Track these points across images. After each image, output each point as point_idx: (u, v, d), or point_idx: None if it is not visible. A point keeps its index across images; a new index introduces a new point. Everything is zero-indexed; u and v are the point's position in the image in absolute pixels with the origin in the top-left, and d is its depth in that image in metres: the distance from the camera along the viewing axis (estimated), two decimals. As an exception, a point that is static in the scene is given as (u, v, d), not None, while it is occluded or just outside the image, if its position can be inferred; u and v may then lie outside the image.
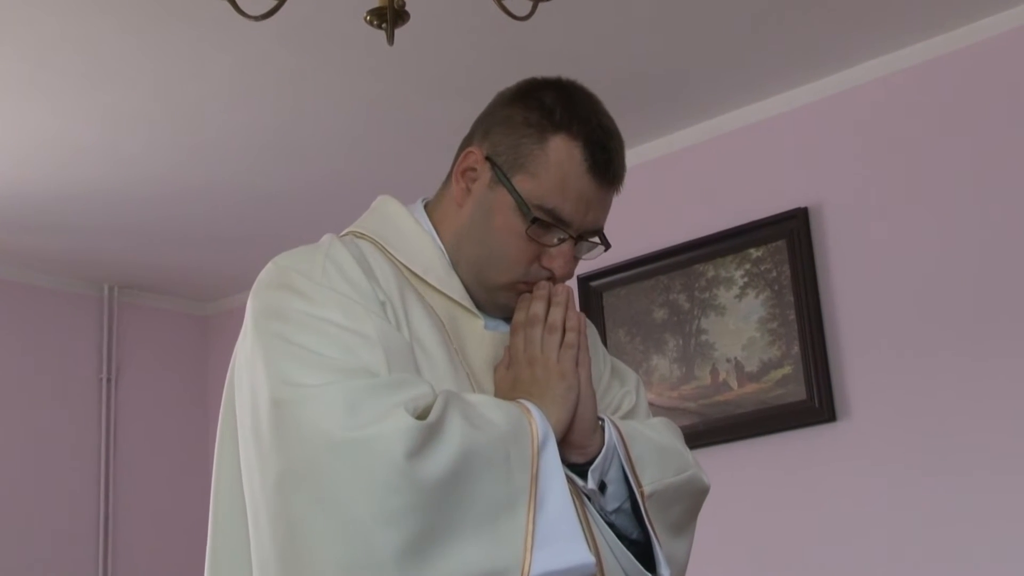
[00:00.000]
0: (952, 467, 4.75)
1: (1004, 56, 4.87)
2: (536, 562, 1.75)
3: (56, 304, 6.52)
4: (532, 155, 2.01)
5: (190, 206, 5.85)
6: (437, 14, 3.90)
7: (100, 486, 6.44)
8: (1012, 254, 4.73)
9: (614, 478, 2.00)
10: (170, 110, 5.00)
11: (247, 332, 1.91)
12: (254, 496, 1.83)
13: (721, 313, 5.37)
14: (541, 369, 1.96)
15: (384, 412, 1.72)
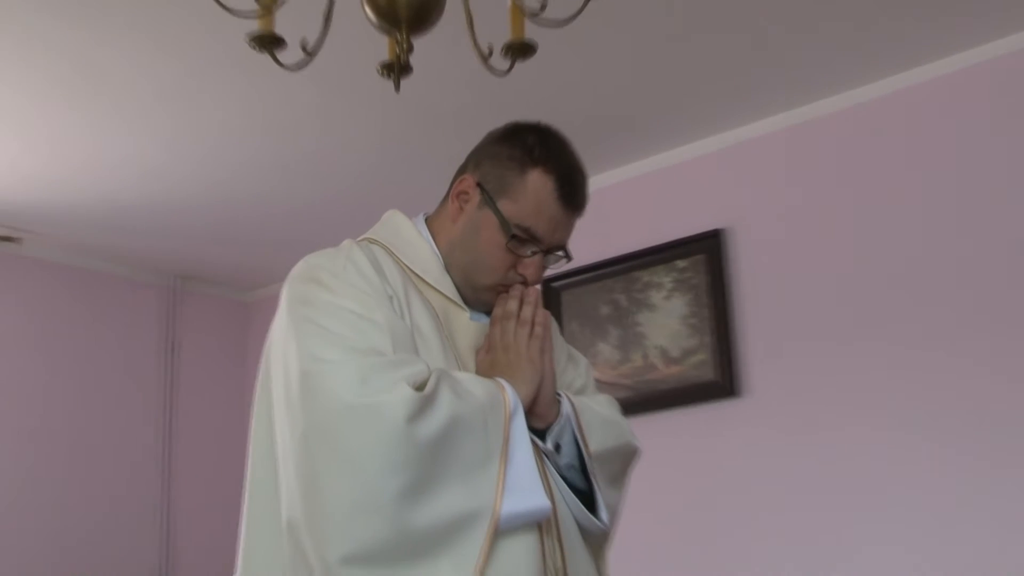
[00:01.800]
0: (826, 433, 4.78)
1: (882, 116, 4.89)
2: (505, 505, 1.79)
3: (131, 291, 6.52)
4: (514, 184, 2.04)
5: (237, 214, 5.85)
6: (435, 68, 3.92)
7: (163, 438, 6.42)
8: (878, 267, 4.77)
9: (567, 441, 2.03)
10: (222, 138, 4.99)
11: (281, 315, 1.94)
12: (284, 447, 1.85)
13: (652, 310, 5.37)
14: (513, 354, 1.99)
15: (390, 384, 1.76)
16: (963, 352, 4.48)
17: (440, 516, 1.75)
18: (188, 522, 6.33)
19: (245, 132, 4.94)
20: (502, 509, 1.79)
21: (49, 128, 4.80)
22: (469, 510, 1.77)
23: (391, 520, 1.72)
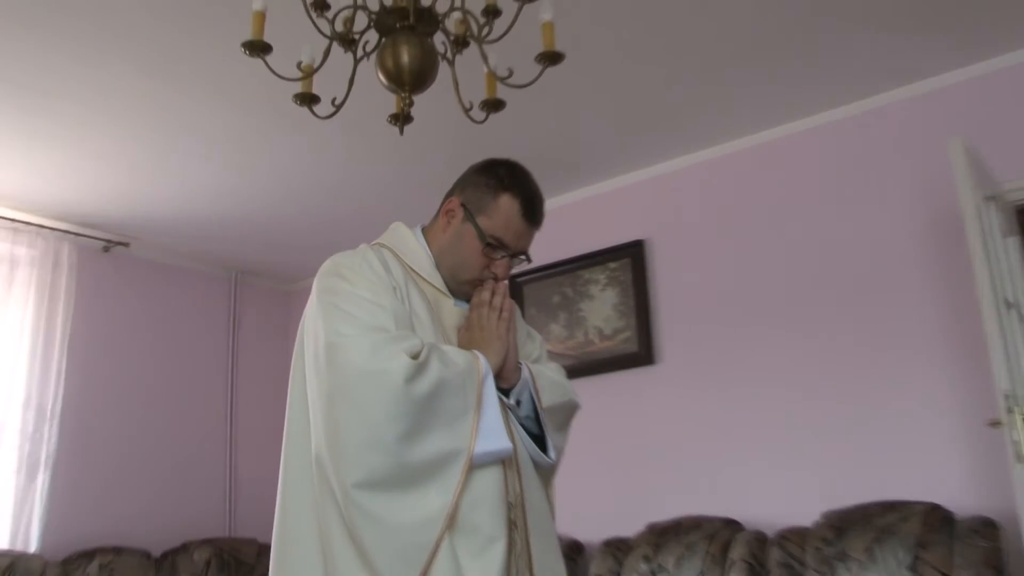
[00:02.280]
0: (720, 391, 4.79)
1: (763, 157, 4.91)
2: (478, 446, 1.80)
3: (203, 283, 6.47)
4: (489, 205, 2.02)
5: (283, 225, 5.82)
6: (430, 118, 3.92)
7: (227, 402, 6.42)
8: (758, 269, 4.79)
9: (526, 398, 2.01)
10: (273, 171, 5.01)
11: (312, 300, 1.92)
12: (313, 400, 1.84)
13: (591, 300, 5.36)
14: (487, 333, 1.97)
15: (393, 354, 1.77)
16: (820, 332, 4.53)
17: (429, 453, 1.75)
18: (248, 456, 6.33)
19: (290, 165, 4.96)
20: (475, 449, 1.79)
21: (151, 162, 4.86)
22: (451, 449, 1.78)
23: (393, 455, 1.73)
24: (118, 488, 5.65)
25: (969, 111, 4.26)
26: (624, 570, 4.52)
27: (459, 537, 1.76)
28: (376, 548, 1.71)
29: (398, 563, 1.70)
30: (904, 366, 4.26)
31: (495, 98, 2.84)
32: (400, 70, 2.59)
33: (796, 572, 4.00)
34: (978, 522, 3.72)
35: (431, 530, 1.73)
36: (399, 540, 1.72)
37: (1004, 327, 3.30)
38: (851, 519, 3.97)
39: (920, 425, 4.16)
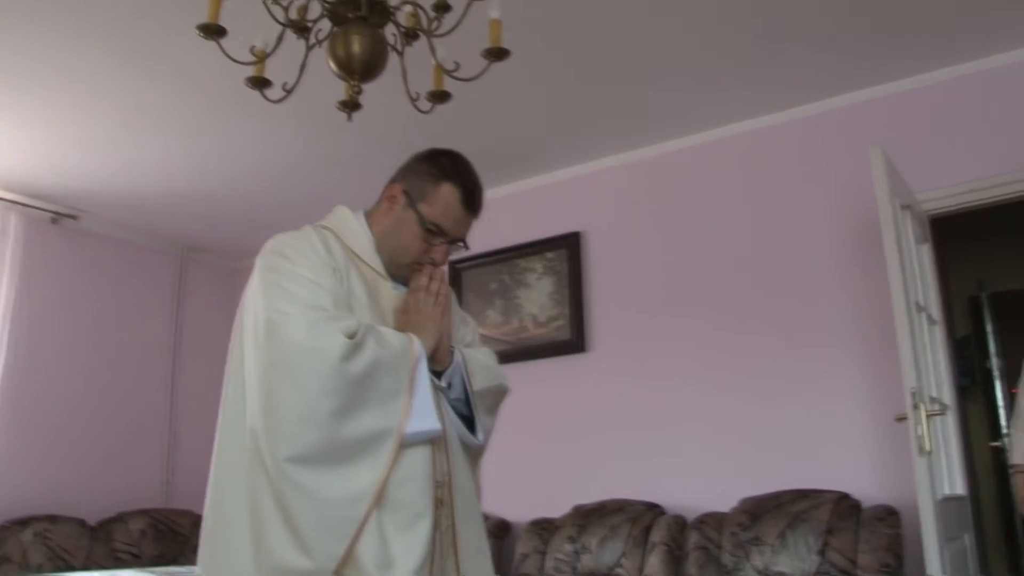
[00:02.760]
0: (647, 377, 4.87)
1: (690, 159, 5.00)
2: (409, 426, 1.81)
3: (151, 257, 6.39)
4: (430, 193, 2.02)
5: (232, 205, 5.78)
6: (380, 106, 3.92)
7: (171, 366, 6.37)
8: (684, 262, 4.89)
9: (457, 381, 2.02)
10: (226, 151, 4.97)
11: (254, 278, 1.91)
12: (251, 374, 1.84)
13: (528, 288, 5.39)
14: (423, 316, 1.97)
15: (330, 333, 1.77)
16: (744, 326, 4.65)
17: (361, 430, 1.76)
18: (188, 430, 6.27)
19: (240, 146, 4.93)
20: (406, 428, 1.80)
21: (103, 136, 4.79)
22: (383, 428, 1.78)
23: (325, 431, 1.73)
24: (56, 457, 5.58)
25: (890, 124, 4.41)
26: (549, 549, 4.60)
27: (387, 513, 1.77)
28: (305, 520, 1.72)
29: (326, 535, 1.72)
30: (821, 362, 4.39)
31: (441, 90, 2.89)
32: (351, 59, 2.62)
33: (712, 555, 4.12)
34: (882, 511, 3.87)
35: (360, 505, 1.74)
36: (328, 513, 1.73)
37: (914, 328, 3.43)
38: (766, 506, 4.10)
39: (834, 419, 4.30)
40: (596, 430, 4.98)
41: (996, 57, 4.21)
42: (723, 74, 4.31)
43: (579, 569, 4.45)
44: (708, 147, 4.96)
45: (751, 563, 3.97)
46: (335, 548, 1.71)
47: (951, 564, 3.33)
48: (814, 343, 4.43)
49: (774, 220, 4.67)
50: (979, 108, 4.24)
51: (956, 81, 4.31)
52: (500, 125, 4.78)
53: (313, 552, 1.71)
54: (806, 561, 3.86)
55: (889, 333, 3.60)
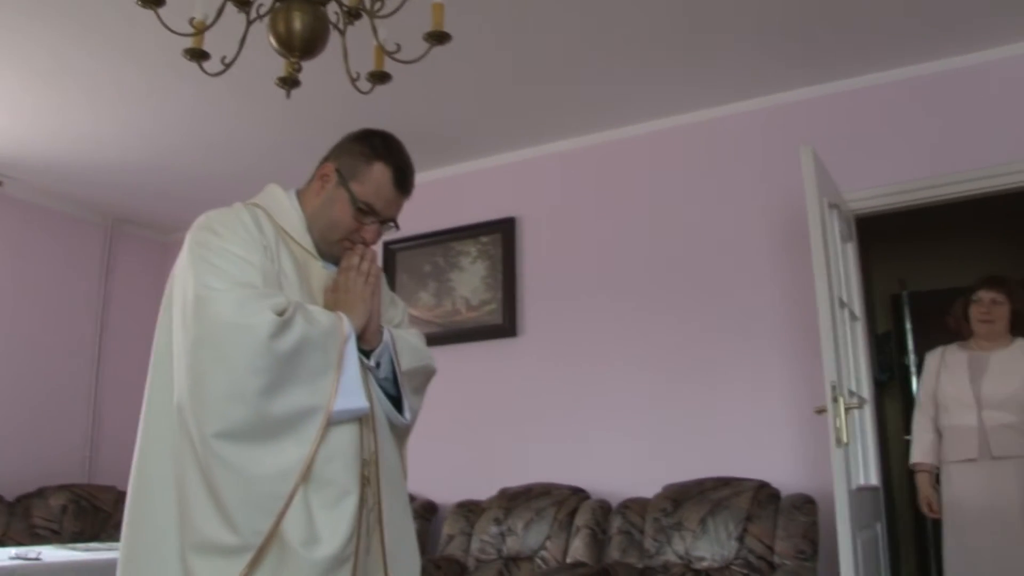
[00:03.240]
0: (577, 362, 4.92)
1: (624, 151, 5.04)
2: (336, 403, 1.82)
3: (78, 228, 6.23)
4: (362, 172, 2.02)
5: (165, 177, 5.65)
6: (319, 84, 3.89)
7: (97, 341, 6.24)
8: (616, 250, 4.93)
9: (385, 361, 2.03)
10: (159, 122, 4.85)
11: (184, 253, 1.90)
12: (178, 350, 1.82)
13: (461, 271, 5.39)
14: (352, 295, 1.98)
15: (259, 310, 1.77)
16: (673, 317, 4.72)
17: (289, 407, 1.76)
18: (113, 405, 6.16)
19: (175, 119, 4.82)
20: (334, 406, 1.81)
21: (33, 102, 4.64)
22: (310, 405, 1.79)
23: (253, 408, 1.73)
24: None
25: (822, 124, 4.51)
26: (475, 531, 4.63)
27: (313, 490, 1.78)
28: (231, 496, 1.72)
29: (253, 511, 1.72)
30: (747, 354, 4.49)
31: (382, 71, 2.88)
32: (291, 35, 2.59)
33: (635, 540, 4.18)
34: (800, 499, 3.98)
35: (286, 481, 1.74)
36: (255, 489, 1.73)
37: (836, 324, 3.52)
38: (688, 492, 4.18)
39: (757, 409, 4.40)
40: (525, 414, 5.01)
41: (926, 64, 4.33)
42: (660, 68, 4.35)
43: (504, 551, 4.48)
44: (644, 138, 5.01)
45: (672, 548, 4.05)
46: (261, 524, 1.72)
47: (863, 551, 3.44)
48: (741, 335, 4.52)
49: (707, 214, 4.74)
50: (907, 112, 4.36)
51: (887, 86, 4.42)
52: (439, 108, 4.76)
53: (239, 528, 1.71)
54: (725, 547, 3.95)
55: (813, 328, 3.69)
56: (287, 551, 1.73)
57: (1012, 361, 3.79)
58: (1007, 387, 3.71)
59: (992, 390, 3.73)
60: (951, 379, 3.87)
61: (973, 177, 4.16)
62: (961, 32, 4.07)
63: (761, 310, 4.50)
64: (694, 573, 3.96)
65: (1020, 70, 4.17)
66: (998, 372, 3.77)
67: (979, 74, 4.24)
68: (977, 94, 4.23)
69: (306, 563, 1.73)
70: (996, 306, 3.85)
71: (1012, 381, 3.72)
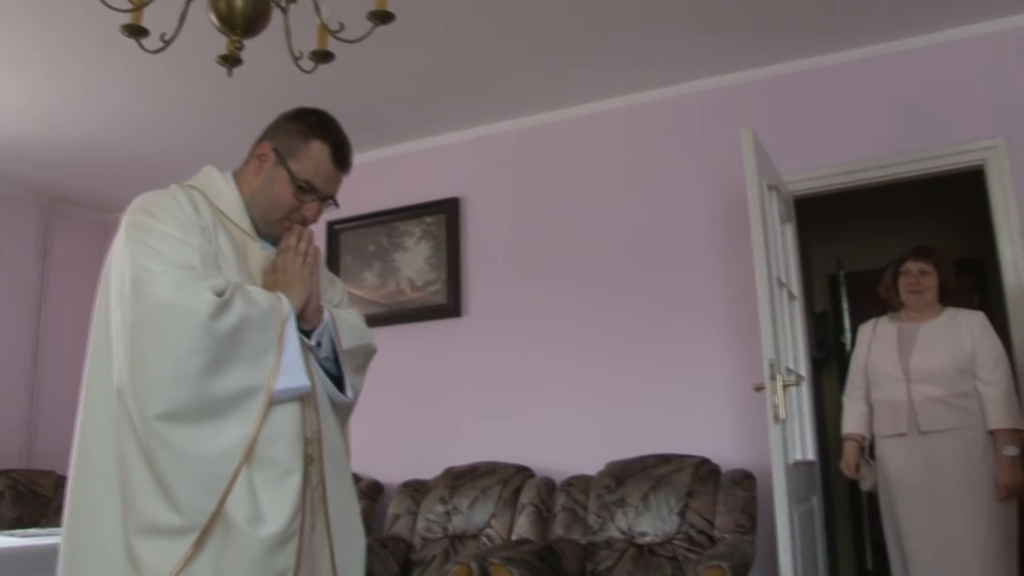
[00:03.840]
0: (520, 342, 4.95)
1: (569, 131, 5.07)
2: (278, 383, 1.83)
3: (13, 207, 6.08)
4: (300, 150, 2.03)
5: (104, 155, 5.53)
6: (261, 63, 3.84)
7: (34, 324, 6.11)
8: (560, 231, 4.96)
9: (326, 340, 2.04)
10: (98, 99, 4.73)
11: (120, 236, 1.88)
12: (117, 332, 1.82)
13: (406, 251, 5.38)
14: (291, 276, 1.98)
15: (198, 291, 1.77)
16: (616, 296, 4.76)
17: (230, 387, 1.77)
18: (52, 388, 6.05)
19: (113, 96, 4.71)
20: (275, 385, 1.82)
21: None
22: (252, 385, 1.80)
23: (194, 388, 1.74)
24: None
25: (763, 107, 4.58)
26: (421, 510, 4.65)
27: (256, 469, 1.79)
28: (175, 478, 1.72)
29: (197, 492, 1.72)
30: (688, 332, 4.56)
31: (325, 50, 2.85)
32: (232, 13, 2.57)
33: (579, 516, 4.24)
34: (739, 474, 4.06)
35: (230, 461, 1.75)
36: (198, 470, 1.73)
37: (774, 303, 3.60)
38: (631, 469, 4.24)
39: (699, 387, 4.48)
40: (469, 394, 5.04)
41: (864, 49, 4.42)
42: (604, 50, 4.37)
43: (450, 530, 4.51)
44: (588, 119, 5.03)
45: (615, 524, 4.11)
46: (206, 504, 1.73)
47: (800, 524, 3.53)
48: (683, 314, 4.58)
49: (648, 195, 4.79)
50: (846, 96, 4.44)
51: (824, 69, 4.50)
52: (383, 88, 4.73)
53: (183, 509, 1.72)
54: (667, 522, 4.02)
55: (752, 307, 3.75)
56: (232, 530, 1.74)
57: (940, 333, 3.76)
58: (935, 360, 3.69)
59: (920, 363, 3.71)
60: (881, 352, 3.85)
61: (909, 159, 4.26)
62: (899, 17, 4.15)
63: (701, 290, 4.56)
64: (637, 548, 4.02)
65: (956, 55, 4.27)
66: (926, 345, 3.75)
67: (915, 58, 4.34)
68: (913, 78, 4.32)
69: (251, 541, 1.74)
70: (924, 276, 3.82)
71: (940, 354, 3.69)
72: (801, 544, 3.50)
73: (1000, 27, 4.20)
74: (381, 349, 2.27)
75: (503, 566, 3.60)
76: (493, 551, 3.84)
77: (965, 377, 3.65)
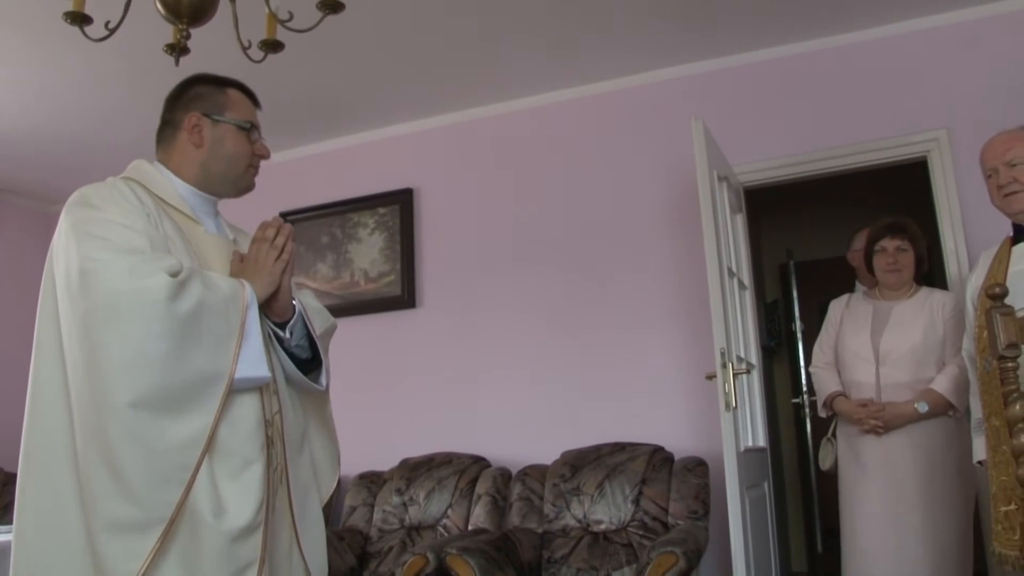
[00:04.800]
0: (472, 332, 4.96)
1: (526, 121, 5.07)
2: (238, 371, 1.81)
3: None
4: (224, 102, 2.08)
5: (48, 146, 5.41)
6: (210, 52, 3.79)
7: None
8: (513, 222, 4.97)
9: (297, 329, 2.05)
10: (41, 89, 4.61)
11: (61, 231, 1.86)
12: (68, 327, 1.79)
13: (359, 243, 5.36)
14: (260, 267, 1.97)
15: (151, 272, 1.75)
16: (571, 287, 4.78)
17: (193, 373, 1.75)
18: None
19: (61, 85, 4.60)
20: (236, 374, 1.80)
21: None
22: (213, 371, 1.78)
23: (158, 374, 1.71)
24: None
25: (713, 98, 4.62)
26: (377, 502, 4.64)
27: (217, 460, 1.77)
28: (136, 470, 1.69)
29: (158, 484, 1.70)
30: (641, 323, 4.59)
31: (274, 39, 2.83)
32: (179, 2, 2.56)
33: (535, 505, 4.25)
34: (692, 462, 4.10)
35: (193, 451, 1.73)
36: (161, 462, 1.71)
37: (725, 293, 3.63)
38: (586, 458, 4.26)
39: (651, 376, 4.52)
40: (425, 385, 5.03)
41: (812, 42, 4.47)
42: (555, 41, 4.38)
43: (407, 521, 4.50)
44: (539, 110, 5.04)
45: (571, 512, 4.13)
46: (169, 495, 1.71)
47: (751, 509, 3.57)
48: (635, 304, 4.61)
49: (600, 185, 4.80)
50: (795, 88, 4.49)
51: (775, 62, 4.55)
52: (334, 77, 4.69)
53: (143, 502, 1.70)
54: (622, 510, 4.04)
55: (704, 297, 3.78)
56: (198, 522, 1.72)
57: (912, 313, 3.51)
58: (905, 342, 3.45)
59: (890, 345, 3.48)
60: (854, 331, 3.60)
61: (855, 151, 4.32)
62: (846, 10, 4.20)
63: (653, 280, 4.59)
64: (592, 536, 4.05)
65: (902, 47, 4.34)
66: (897, 325, 3.50)
67: (861, 51, 4.40)
68: (859, 70, 4.38)
69: (217, 534, 1.73)
70: (902, 254, 3.56)
71: (911, 335, 3.46)
72: (753, 529, 3.55)
73: (944, 21, 4.27)
74: (335, 341, 2.29)
75: (459, 556, 3.60)
76: (450, 541, 3.84)
77: (933, 361, 3.42)
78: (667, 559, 3.41)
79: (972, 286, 2.87)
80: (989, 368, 2.63)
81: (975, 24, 4.22)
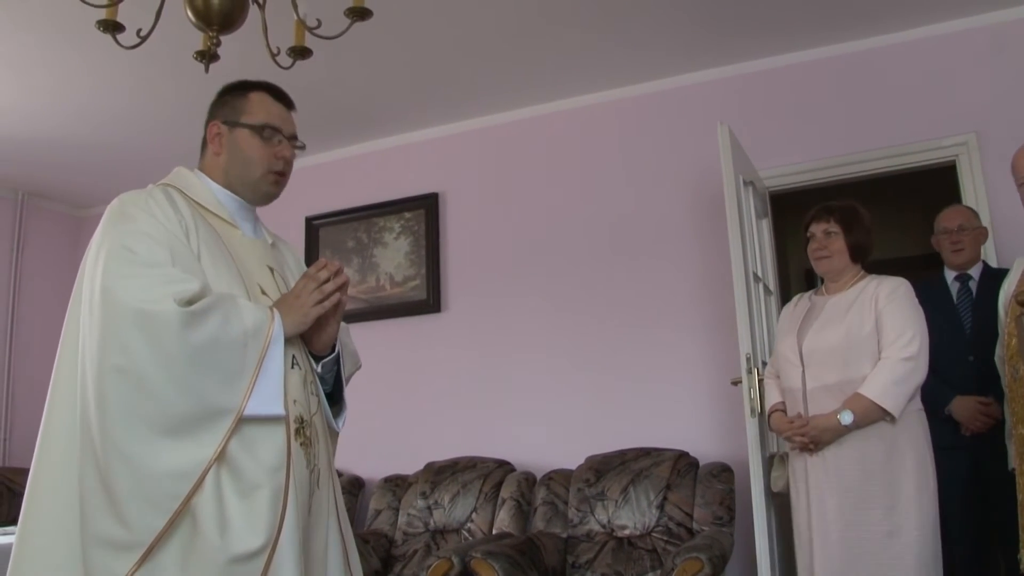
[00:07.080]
0: (498, 337, 4.96)
1: (547, 127, 5.07)
2: (248, 407, 1.78)
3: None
4: (243, 106, 2.07)
5: (78, 150, 5.45)
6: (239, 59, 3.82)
7: (7, 328, 6.03)
8: (538, 228, 4.96)
9: (327, 368, 2.06)
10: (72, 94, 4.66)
11: (97, 235, 1.87)
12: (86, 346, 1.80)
13: (385, 247, 5.37)
14: (299, 304, 1.94)
15: (160, 298, 1.74)
16: (597, 292, 4.77)
17: (197, 405, 1.74)
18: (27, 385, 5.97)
19: (91, 91, 4.65)
20: (247, 410, 1.77)
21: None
22: (224, 406, 1.76)
23: (158, 398, 1.72)
24: None
25: (737, 103, 4.60)
26: (402, 506, 4.65)
27: (226, 475, 1.75)
28: (126, 491, 1.70)
29: (146, 510, 1.70)
30: (667, 328, 4.58)
31: (303, 46, 2.85)
32: (209, 9, 2.58)
33: (559, 510, 4.25)
34: (717, 467, 4.08)
35: (184, 483, 1.71)
36: (152, 487, 1.70)
37: (751, 298, 3.61)
38: (610, 463, 4.25)
39: (678, 382, 4.50)
40: (450, 389, 5.03)
41: (840, 45, 4.45)
42: (583, 46, 4.38)
43: (431, 525, 4.51)
44: (567, 115, 5.03)
45: (595, 517, 4.12)
46: (155, 523, 1.69)
47: (776, 515, 3.55)
48: (661, 309, 4.60)
49: (628, 189, 4.80)
50: (822, 92, 4.47)
51: (801, 66, 4.53)
52: (362, 83, 4.71)
53: (132, 525, 1.69)
54: (647, 515, 4.03)
55: (729, 302, 3.77)
56: (199, 536, 1.70)
57: (840, 308, 3.10)
58: (828, 340, 3.04)
59: (812, 344, 3.07)
60: (784, 332, 3.23)
61: (883, 155, 4.30)
62: (873, 15, 4.18)
63: (679, 285, 4.58)
64: (616, 541, 4.04)
65: (929, 51, 4.31)
66: (825, 322, 3.10)
67: (889, 55, 4.37)
68: (886, 75, 4.35)
69: (217, 551, 1.70)
70: (830, 238, 3.19)
71: (834, 332, 3.04)
72: (778, 535, 3.53)
73: (970, 24, 4.24)
74: (361, 345, 2.31)
75: (484, 560, 3.61)
76: (474, 545, 3.84)
77: (865, 357, 2.96)
78: (692, 565, 3.40)
79: (1005, 292, 2.83)
80: (1017, 376, 2.59)
81: (1004, 27, 4.18)
